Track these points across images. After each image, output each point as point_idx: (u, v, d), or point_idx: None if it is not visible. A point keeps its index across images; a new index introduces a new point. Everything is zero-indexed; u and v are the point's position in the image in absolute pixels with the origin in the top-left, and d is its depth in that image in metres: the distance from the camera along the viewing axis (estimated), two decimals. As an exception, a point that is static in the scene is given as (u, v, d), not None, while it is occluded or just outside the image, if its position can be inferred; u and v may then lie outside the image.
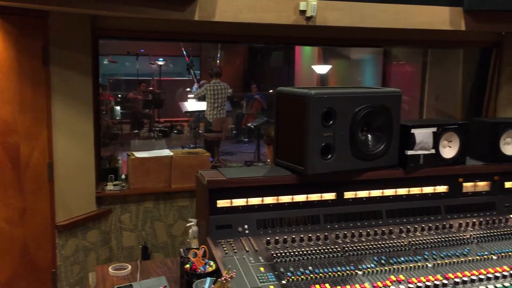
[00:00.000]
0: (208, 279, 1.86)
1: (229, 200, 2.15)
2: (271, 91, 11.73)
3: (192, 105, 10.25)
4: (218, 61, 12.97)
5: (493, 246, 2.22)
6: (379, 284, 1.90)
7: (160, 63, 13.38)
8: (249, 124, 10.48)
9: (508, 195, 2.54)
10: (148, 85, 12.48)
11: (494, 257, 2.13)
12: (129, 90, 12.18)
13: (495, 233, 2.30)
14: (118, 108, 11.13)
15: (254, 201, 2.19)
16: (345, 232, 2.20)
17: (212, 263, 1.98)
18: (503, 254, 2.15)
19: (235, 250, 2.04)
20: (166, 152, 4.17)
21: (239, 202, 2.16)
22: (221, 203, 2.14)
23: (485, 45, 4.92)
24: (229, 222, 2.14)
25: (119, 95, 11.78)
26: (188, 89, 10.62)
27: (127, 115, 11.28)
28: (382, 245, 2.14)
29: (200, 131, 9.85)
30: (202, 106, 9.42)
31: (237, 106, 11.56)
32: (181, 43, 11.24)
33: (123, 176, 4.01)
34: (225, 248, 2.05)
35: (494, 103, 5.00)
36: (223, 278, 1.79)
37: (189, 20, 3.37)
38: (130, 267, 2.30)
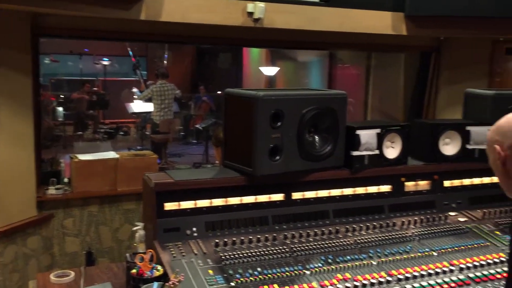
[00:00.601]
0: (155, 284, 1.82)
1: (177, 203, 2.12)
2: (219, 92, 11.70)
3: (138, 106, 10.05)
4: (165, 62, 12.79)
5: (434, 243, 2.30)
6: (326, 283, 1.93)
7: (105, 63, 13.03)
8: (197, 126, 10.40)
9: (447, 194, 2.65)
10: (93, 85, 12.12)
11: (435, 254, 2.22)
12: (72, 90, 11.78)
13: (435, 230, 2.40)
14: (60, 109, 10.74)
15: (203, 203, 2.17)
16: (293, 233, 2.22)
17: (159, 267, 1.94)
18: (443, 250, 2.24)
19: (183, 254, 2.01)
20: (112, 154, 4.06)
21: (187, 204, 2.14)
22: (169, 205, 2.11)
23: (425, 49, 5.13)
24: (177, 225, 2.11)
25: (62, 96, 11.37)
26: (135, 90, 10.39)
27: (70, 116, 10.91)
28: (329, 245, 2.18)
29: (147, 133, 9.68)
30: (149, 107, 9.26)
31: (185, 107, 11.45)
32: (127, 42, 10.99)
33: (65, 180, 3.86)
34: (173, 252, 2.01)
35: (433, 106, 5.21)
36: (170, 282, 1.76)
37: (135, 20, 3.29)
38: (73, 273, 2.22)
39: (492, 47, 5.01)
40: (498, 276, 2.08)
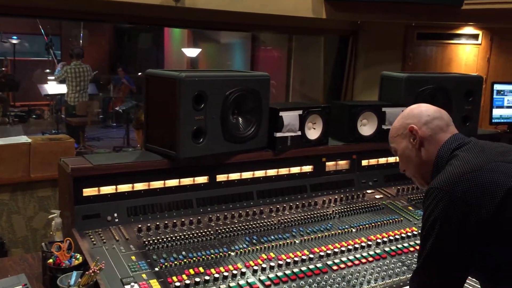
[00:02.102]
0: (74, 273, 1.74)
1: (96, 188, 2.04)
2: (139, 74, 11.35)
3: (52, 88, 9.50)
4: (81, 41, 12.17)
5: (352, 220, 2.40)
6: (251, 263, 1.95)
7: (14, 41, 12.16)
8: (117, 108, 10.05)
9: (365, 172, 2.77)
10: (1, 65, 11.29)
11: (354, 230, 2.31)
12: (-24, 70, 10.91)
13: (354, 208, 2.50)
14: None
15: (124, 188, 2.10)
16: (218, 215, 2.22)
17: (78, 255, 1.86)
18: (361, 226, 2.34)
19: (104, 241, 1.94)
20: (24, 138, 3.82)
21: (107, 190, 2.06)
22: (88, 191, 2.02)
23: (343, 33, 5.29)
24: (97, 212, 2.03)
25: (-35, 77, 10.51)
26: (48, 71, 9.81)
27: (-25, 98, 10.12)
28: (253, 225, 2.20)
29: (62, 116, 9.21)
30: (63, 89, 8.79)
31: (103, 89, 11.00)
32: (38, 20, 10.31)
33: (-28, 167, 3.58)
34: (93, 239, 1.94)
35: (351, 88, 5.41)
36: (91, 271, 1.69)
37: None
38: (-18, 267, 2.07)
39: (405, 32, 5.28)
40: (411, 249, 2.21)
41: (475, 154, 1.52)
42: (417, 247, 2.22)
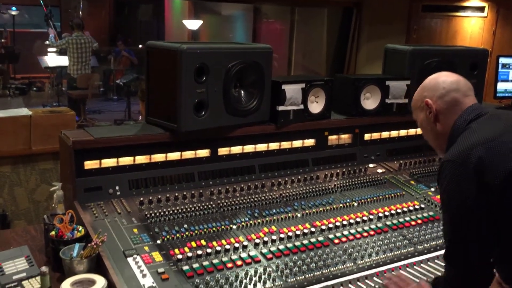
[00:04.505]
0: (77, 245, 1.75)
1: (97, 161, 2.03)
2: (140, 46, 11.24)
3: (52, 60, 9.42)
4: (80, 13, 12.01)
5: (354, 194, 2.40)
6: (253, 236, 1.96)
7: (13, 13, 12.00)
8: (118, 81, 9.99)
9: (367, 146, 2.75)
10: (0, 37, 11.18)
11: (355, 204, 2.31)
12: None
13: (356, 182, 2.49)
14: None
15: (125, 161, 2.09)
16: (220, 188, 2.22)
17: (80, 228, 1.86)
18: (362, 200, 2.34)
19: (106, 213, 1.94)
20: (24, 111, 3.80)
21: (108, 162, 2.06)
22: (89, 164, 2.01)
23: (347, 5, 5.20)
24: (99, 184, 2.03)
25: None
26: (47, 42, 9.70)
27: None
28: (255, 199, 2.20)
29: (63, 88, 9.16)
30: (64, 61, 8.71)
31: (104, 62, 10.90)
32: (37, -10, 10.16)
33: (-27, 139, 3.58)
34: (94, 212, 1.94)
35: (354, 61, 5.35)
36: (93, 243, 1.70)
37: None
38: (-14, 238, 2.08)
39: (409, 4, 5.18)
40: (413, 223, 2.21)
41: (489, 125, 1.52)
42: (419, 221, 2.24)
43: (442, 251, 2.04)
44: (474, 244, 1.47)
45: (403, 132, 2.87)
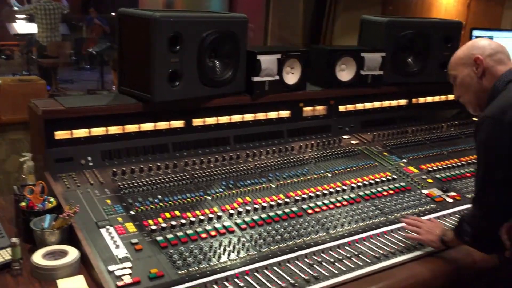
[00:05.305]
0: (48, 216, 1.73)
1: (68, 131, 1.99)
2: (113, 14, 10.93)
3: (21, 26, 9.12)
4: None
5: (328, 165, 2.42)
6: (227, 207, 1.96)
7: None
8: (90, 50, 9.74)
9: (342, 118, 2.77)
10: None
11: (329, 175, 2.34)
12: None
13: (330, 153, 2.51)
14: None
15: (98, 131, 2.06)
16: (194, 159, 2.21)
17: (52, 199, 1.84)
18: (336, 171, 2.36)
19: (78, 184, 1.92)
20: (-8, 79, 3.69)
21: (80, 133, 2.02)
22: (60, 134, 1.98)
23: (324, -25, 5.14)
24: (70, 155, 1.99)
25: None
26: (16, 8, 9.36)
27: None
28: (230, 170, 2.20)
29: (33, 57, 8.90)
30: (33, 28, 8.44)
31: (75, 30, 10.61)
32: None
33: None
34: (66, 183, 1.91)
35: (331, 32, 5.33)
36: (65, 214, 1.68)
37: None
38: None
39: (386, -25, 5.16)
40: (385, 193, 2.25)
41: None
42: (390, 191, 2.28)
43: (412, 221, 2.09)
44: (502, 189, 1.62)
45: (377, 104, 2.89)
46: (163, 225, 1.79)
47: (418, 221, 1.99)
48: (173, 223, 1.80)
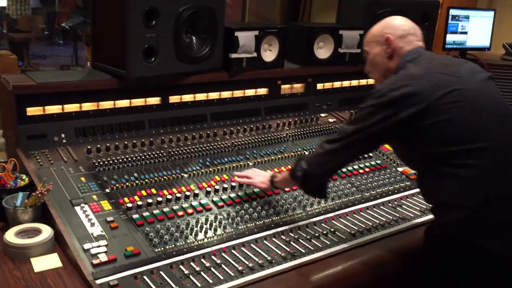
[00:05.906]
0: (20, 194, 1.69)
1: (41, 108, 1.94)
2: (86, -13, 10.63)
3: (-10, -1, 8.81)
4: None
5: (305, 143, 2.43)
6: (204, 185, 1.95)
7: None
8: (63, 24, 9.47)
9: (319, 96, 2.77)
10: None
11: (306, 153, 2.34)
12: None
13: (307, 131, 2.52)
14: None
15: (71, 107, 2.01)
16: (171, 137, 2.18)
17: (24, 176, 1.80)
18: (313, 149, 2.37)
19: (51, 161, 1.88)
20: (-40, 54, 3.57)
21: (53, 109, 1.97)
22: (32, 111, 1.93)
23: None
24: (43, 132, 1.95)
25: None
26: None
27: None
28: (207, 148, 2.19)
29: (4, 31, 8.62)
30: (2, 1, 8.16)
31: (47, 3, 10.29)
32: None
33: None
34: (39, 160, 1.87)
35: (309, 9, 5.29)
36: (38, 192, 1.65)
37: None
38: None
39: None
40: (361, 171, 2.26)
41: (419, 66, 1.66)
42: (366, 169, 2.30)
43: (388, 198, 2.12)
44: (357, 153, 1.75)
45: (354, 82, 2.89)
46: (139, 203, 1.77)
47: (249, 171, 2.02)
48: (149, 201, 1.79)
